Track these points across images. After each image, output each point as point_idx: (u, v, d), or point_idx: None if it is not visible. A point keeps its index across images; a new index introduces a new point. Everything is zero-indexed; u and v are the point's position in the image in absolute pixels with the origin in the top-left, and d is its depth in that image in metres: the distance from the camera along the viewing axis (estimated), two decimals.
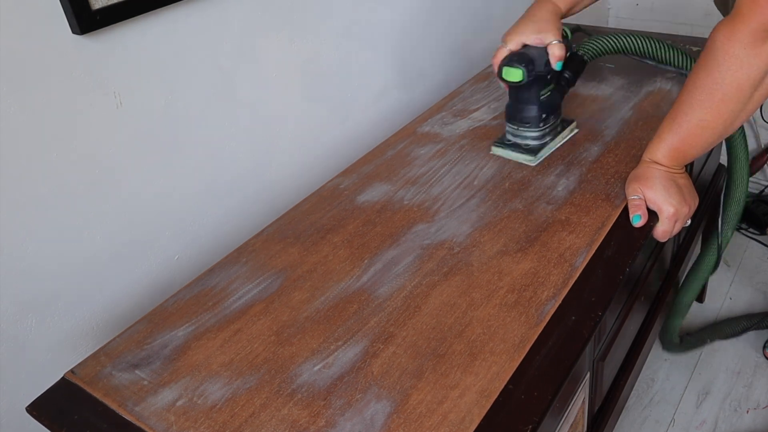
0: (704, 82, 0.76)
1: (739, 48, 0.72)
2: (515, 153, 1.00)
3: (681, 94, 0.80)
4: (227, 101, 0.96)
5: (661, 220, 0.84)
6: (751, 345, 1.52)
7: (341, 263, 0.83)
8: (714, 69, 0.75)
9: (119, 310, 0.90)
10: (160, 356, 0.73)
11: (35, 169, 0.75)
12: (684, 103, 0.79)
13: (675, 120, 0.81)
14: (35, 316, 0.80)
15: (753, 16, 0.71)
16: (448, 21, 1.38)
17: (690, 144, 0.81)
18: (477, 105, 1.19)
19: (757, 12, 0.71)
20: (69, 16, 0.73)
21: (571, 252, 0.80)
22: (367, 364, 0.69)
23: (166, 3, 0.82)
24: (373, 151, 1.08)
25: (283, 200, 1.09)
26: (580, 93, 1.18)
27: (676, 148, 0.82)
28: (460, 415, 0.62)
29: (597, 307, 0.73)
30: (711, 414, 1.38)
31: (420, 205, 0.92)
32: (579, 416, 0.87)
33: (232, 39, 0.93)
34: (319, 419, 0.64)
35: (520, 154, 0.99)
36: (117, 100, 0.81)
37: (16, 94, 0.71)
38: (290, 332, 0.74)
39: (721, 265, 1.74)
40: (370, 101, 1.24)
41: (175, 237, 0.94)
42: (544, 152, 0.99)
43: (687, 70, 1.07)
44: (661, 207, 0.83)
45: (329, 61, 1.12)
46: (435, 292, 0.77)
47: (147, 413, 0.66)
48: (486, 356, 0.68)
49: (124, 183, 0.85)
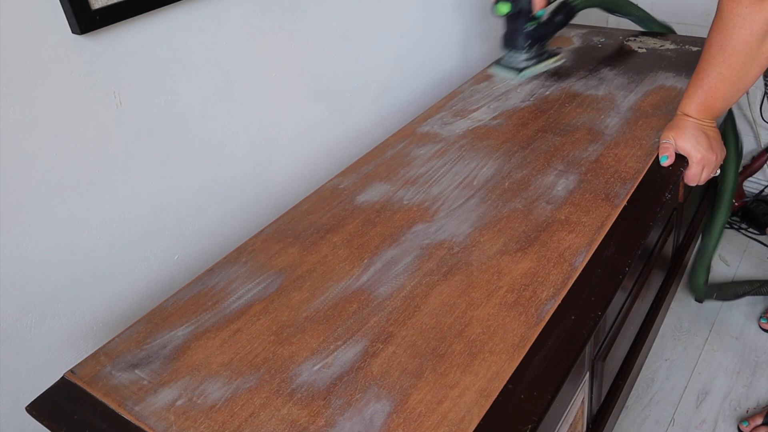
0: (716, 40, 0.87)
1: (742, 8, 0.82)
2: (504, 71, 1.27)
3: (702, 55, 0.91)
4: (227, 101, 0.96)
5: (690, 165, 0.96)
6: (751, 344, 1.52)
7: (341, 263, 0.83)
8: (723, 28, 0.85)
9: (119, 310, 0.90)
10: (159, 356, 0.73)
11: (35, 169, 0.75)
12: (704, 61, 0.91)
13: (698, 76, 0.93)
14: (35, 316, 0.80)
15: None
16: (447, 21, 1.38)
17: (713, 96, 0.92)
18: (477, 105, 1.19)
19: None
20: (69, 16, 0.73)
21: (570, 252, 0.80)
22: (366, 363, 0.69)
23: (166, 3, 0.82)
24: (373, 151, 1.08)
25: (283, 200, 1.09)
26: (580, 93, 1.18)
27: (702, 101, 0.93)
28: (460, 414, 0.62)
29: (597, 307, 0.73)
30: (711, 414, 1.38)
31: (420, 205, 0.92)
32: (578, 416, 0.87)
33: (232, 39, 0.93)
34: (319, 419, 0.64)
35: (507, 72, 1.27)
36: (117, 100, 0.81)
37: (15, 94, 0.71)
38: (290, 332, 0.74)
39: (721, 265, 1.74)
40: (370, 101, 1.24)
41: (175, 237, 0.94)
42: (527, 73, 1.26)
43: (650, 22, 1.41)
44: (690, 152, 0.95)
45: (329, 61, 1.12)
46: (434, 292, 0.77)
47: (147, 413, 0.66)
48: (485, 356, 0.68)
49: (124, 183, 0.85)
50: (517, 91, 1.21)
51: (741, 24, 0.83)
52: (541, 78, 1.25)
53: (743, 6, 0.82)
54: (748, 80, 0.89)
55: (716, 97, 0.92)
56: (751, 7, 0.81)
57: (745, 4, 0.82)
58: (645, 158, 0.97)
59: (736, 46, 0.85)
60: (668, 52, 1.31)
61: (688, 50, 1.31)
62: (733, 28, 0.84)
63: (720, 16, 0.86)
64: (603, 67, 1.27)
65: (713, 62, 0.89)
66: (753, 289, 1.51)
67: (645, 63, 1.27)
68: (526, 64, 1.26)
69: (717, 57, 0.88)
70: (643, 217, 0.86)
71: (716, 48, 0.87)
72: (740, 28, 0.83)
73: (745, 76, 0.88)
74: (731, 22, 0.84)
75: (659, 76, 1.21)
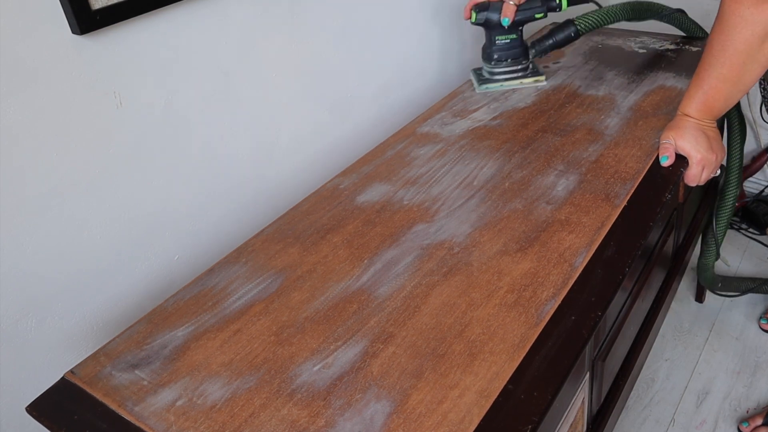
0: (718, 41, 0.87)
1: (744, 8, 0.83)
2: (474, 78, 1.25)
3: (702, 56, 0.91)
4: (227, 101, 0.96)
5: (690, 165, 0.96)
6: (751, 345, 1.52)
7: (341, 263, 0.83)
8: (725, 29, 0.86)
9: (119, 310, 0.90)
10: (159, 356, 0.73)
11: (35, 169, 0.75)
12: (705, 62, 0.91)
13: (699, 77, 0.93)
14: (35, 316, 0.80)
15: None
16: (447, 21, 1.38)
17: (714, 97, 0.92)
18: (477, 105, 1.19)
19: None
20: (69, 16, 0.73)
21: (570, 252, 0.80)
22: (366, 364, 0.69)
23: (166, 3, 0.82)
24: (373, 151, 1.08)
25: (283, 200, 1.09)
26: (581, 93, 1.18)
27: (702, 101, 0.93)
28: (460, 415, 0.62)
29: (597, 307, 0.73)
30: (711, 414, 1.38)
31: (420, 205, 0.92)
32: (579, 416, 0.87)
33: (232, 39, 0.93)
34: (319, 419, 0.64)
35: (475, 81, 1.23)
36: (117, 100, 0.81)
37: (16, 94, 0.71)
38: (290, 332, 0.74)
39: (722, 265, 1.74)
40: (370, 101, 1.24)
41: (175, 237, 0.94)
42: (492, 86, 1.22)
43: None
44: (690, 153, 0.95)
45: (329, 61, 1.12)
46: (435, 292, 0.77)
47: (147, 413, 0.66)
48: (485, 356, 0.68)
49: (124, 183, 0.85)
50: (518, 92, 1.21)
51: (742, 25, 0.84)
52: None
53: (745, 7, 0.83)
54: (748, 80, 0.89)
55: (717, 97, 0.92)
56: (753, 8, 0.82)
57: (746, 5, 0.82)
58: (645, 158, 0.97)
59: (737, 47, 0.85)
60: (668, 52, 1.31)
61: (688, 50, 1.31)
62: (734, 28, 0.84)
63: (721, 17, 0.86)
64: (603, 67, 1.27)
65: (714, 63, 0.89)
66: (755, 286, 1.51)
67: (645, 63, 1.27)
68: (492, 77, 1.22)
69: (718, 57, 0.88)
70: (643, 217, 0.86)
71: (717, 48, 0.87)
72: (742, 29, 0.84)
73: (746, 76, 0.88)
74: (733, 23, 0.84)
75: (659, 77, 1.21)
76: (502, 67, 1.21)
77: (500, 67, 1.21)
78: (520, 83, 1.22)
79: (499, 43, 1.18)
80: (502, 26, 1.15)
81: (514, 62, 1.21)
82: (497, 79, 1.22)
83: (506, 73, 1.22)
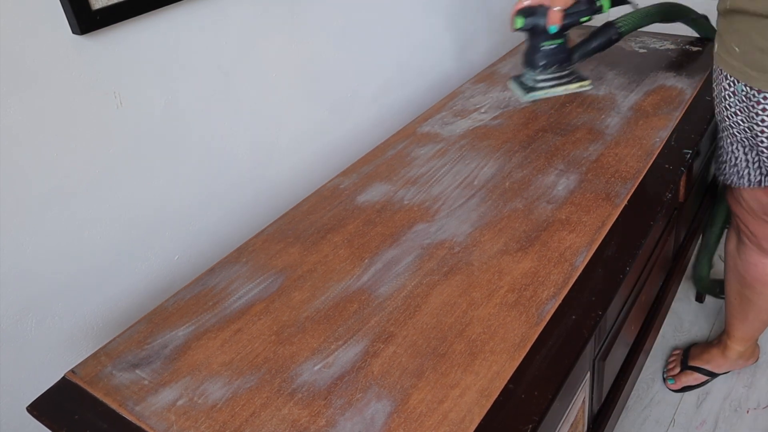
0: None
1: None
2: (516, 87, 1.15)
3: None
4: (227, 101, 0.96)
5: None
6: None
7: (341, 263, 0.83)
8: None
9: (119, 310, 0.90)
10: (160, 356, 0.73)
11: (35, 169, 0.75)
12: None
13: None
14: (35, 316, 0.80)
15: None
16: (447, 21, 1.38)
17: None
18: (477, 105, 1.19)
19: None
20: (69, 16, 0.73)
21: (571, 251, 0.80)
22: (367, 363, 0.69)
23: (166, 3, 0.82)
24: (373, 151, 1.08)
25: (283, 200, 1.09)
26: (580, 92, 1.18)
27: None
28: (461, 414, 0.62)
29: (597, 307, 0.73)
30: (711, 414, 1.38)
31: (420, 204, 0.92)
32: (579, 416, 0.87)
33: (232, 39, 0.93)
34: (320, 419, 0.64)
35: (518, 89, 1.14)
36: (117, 100, 0.81)
37: (16, 94, 0.71)
38: (290, 332, 0.74)
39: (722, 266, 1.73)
40: (370, 101, 1.24)
41: (175, 237, 0.94)
42: (538, 94, 1.13)
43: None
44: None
45: (329, 61, 1.12)
46: (435, 292, 0.77)
47: (147, 413, 0.66)
48: (486, 356, 0.68)
49: (124, 183, 0.85)
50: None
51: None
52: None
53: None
54: None
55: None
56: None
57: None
58: (646, 158, 0.97)
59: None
60: (668, 52, 1.31)
61: (688, 50, 1.31)
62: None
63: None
64: (603, 67, 1.27)
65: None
66: None
67: (645, 63, 1.27)
68: (537, 85, 1.15)
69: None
70: (644, 216, 0.86)
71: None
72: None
73: None
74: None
75: (659, 76, 1.21)
76: (548, 74, 1.15)
77: (546, 74, 1.15)
78: (565, 89, 1.17)
79: (545, 49, 1.12)
80: (548, 33, 1.10)
81: (559, 68, 1.16)
82: (543, 86, 1.16)
83: (553, 79, 1.16)
